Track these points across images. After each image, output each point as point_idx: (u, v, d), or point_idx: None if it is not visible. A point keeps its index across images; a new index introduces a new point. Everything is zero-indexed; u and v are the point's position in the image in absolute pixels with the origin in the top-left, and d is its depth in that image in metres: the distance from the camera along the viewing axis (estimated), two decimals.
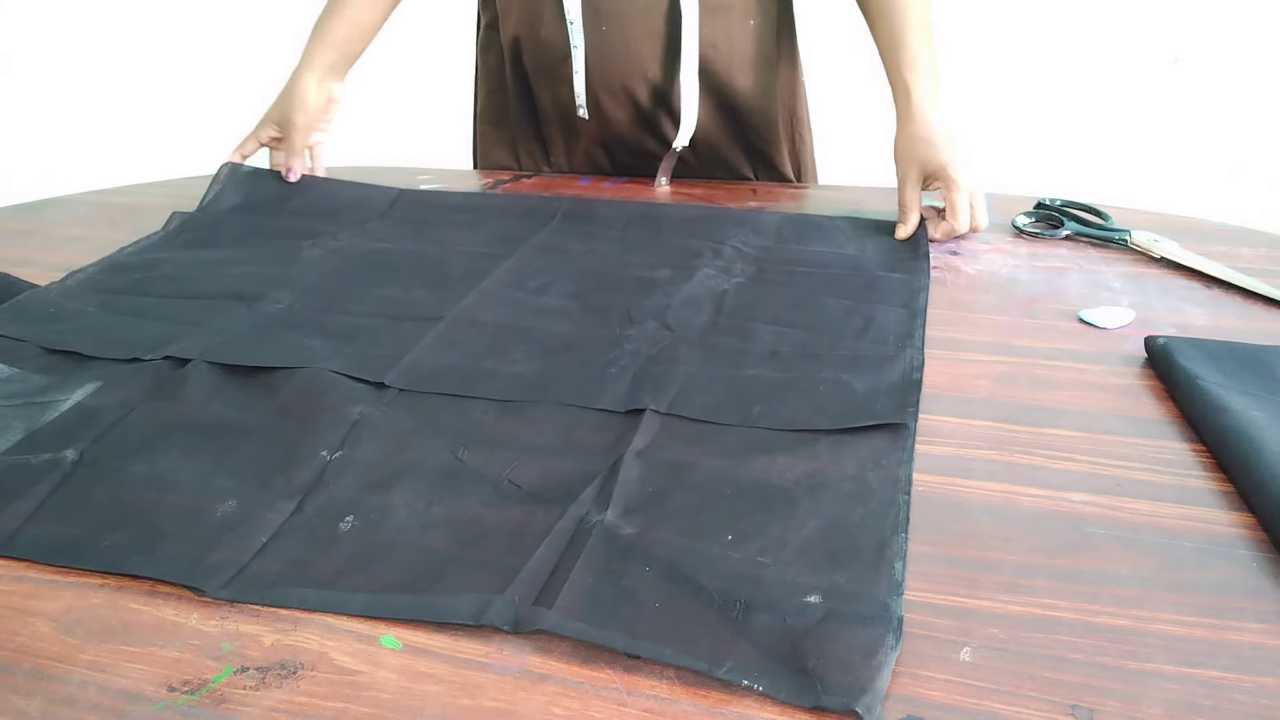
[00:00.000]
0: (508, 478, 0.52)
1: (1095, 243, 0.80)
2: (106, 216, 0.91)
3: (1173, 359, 0.59)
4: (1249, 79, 1.84)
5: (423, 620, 0.44)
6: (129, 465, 0.54)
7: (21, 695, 0.40)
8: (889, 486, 0.50)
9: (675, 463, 0.53)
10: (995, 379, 0.61)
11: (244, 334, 0.67)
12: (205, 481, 0.53)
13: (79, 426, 0.57)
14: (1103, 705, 0.38)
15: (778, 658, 0.40)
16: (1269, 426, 0.52)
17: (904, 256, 0.78)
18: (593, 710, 0.39)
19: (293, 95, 0.92)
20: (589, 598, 0.44)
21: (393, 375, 0.62)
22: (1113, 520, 0.49)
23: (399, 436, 0.56)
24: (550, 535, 0.47)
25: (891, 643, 0.41)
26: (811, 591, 0.43)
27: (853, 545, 0.46)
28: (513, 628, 0.43)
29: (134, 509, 0.51)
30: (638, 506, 0.49)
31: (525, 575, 0.45)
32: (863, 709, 0.38)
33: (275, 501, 0.51)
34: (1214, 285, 0.72)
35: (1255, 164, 1.91)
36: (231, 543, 0.48)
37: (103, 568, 0.47)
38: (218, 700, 0.40)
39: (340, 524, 0.49)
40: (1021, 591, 0.44)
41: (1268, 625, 0.42)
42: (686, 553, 0.46)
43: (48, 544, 0.49)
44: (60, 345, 0.66)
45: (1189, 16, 1.81)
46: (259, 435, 0.57)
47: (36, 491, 0.52)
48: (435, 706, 0.39)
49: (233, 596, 0.45)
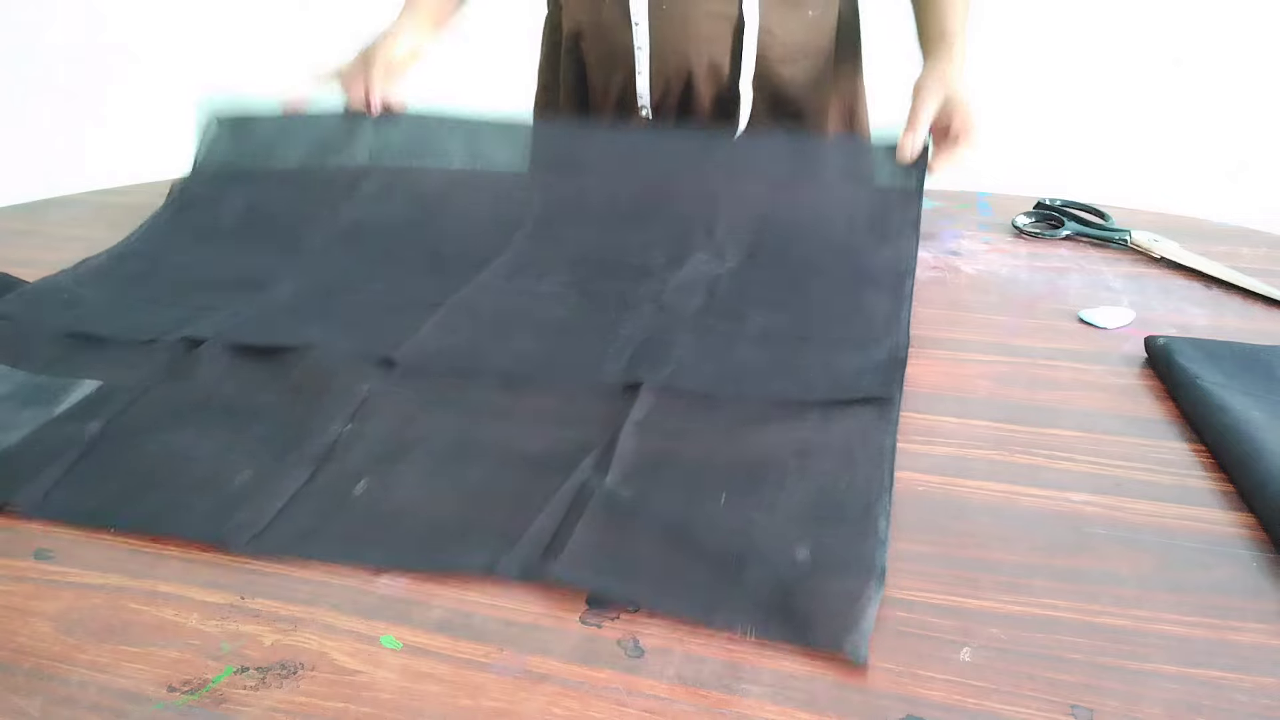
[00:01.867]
0: (512, 448, 0.55)
1: (1095, 243, 0.80)
2: (106, 216, 0.91)
3: (1173, 359, 0.59)
4: (1249, 79, 1.84)
5: (436, 570, 0.46)
6: (149, 439, 0.57)
7: (21, 695, 0.40)
8: (874, 455, 0.53)
9: (671, 433, 0.55)
10: (995, 379, 0.61)
11: (253, 319, 0.69)
12: (223, 453, 0.55)
13: (99, 404, 0.60)
14: (1103, 705, 0.38)
15: (769, 605, 0.43)
16: (1269, 426, 0.52)
17: (895, 219, 0.76)
18: (593, 710, 0.39)
19: (379, 43, 0.91)
20: (592, 552, 0.46)
21: (399, 354, 0.64)
22: (1113, 520, 0.49)
23: (407, 411, 0.58)
24: (554, 498, 0.50)
25: (875, 588, 0.43)
26: (800, 547, 0.46)
27: (839, 507, 0.49)
28: (521, 577, 0.45)
29: (157, 477, 0.53)
30: (636, 473, 0.52)
31: (532, 532, 0.47)
32: (849, 647, 0.41)
33: (290, 471, 0.53)
34: (1214, 285, 0.72)
35: (1255, 164, 1.91)
36: (251, 506, 0.51)
37: (130, 529, 0.50)
38: (218, 700, 0.40)
39: (353, 490, 0.52)
40: (1021, 591, 0.44)
41: (1268, 625, 0.42)
42: (683, 514, 0.49)
43: (77, 508, 0.51)
44: (78, 329, 0.68)
45: (1189, 16, 1.81)
46: (272, 412, 0.59)
47: (63, 461, 0.55)
48: (435, 706, 0.39)
49: (256, 551, 0.48)
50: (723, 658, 0.41)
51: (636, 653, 0.42)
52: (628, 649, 0.42)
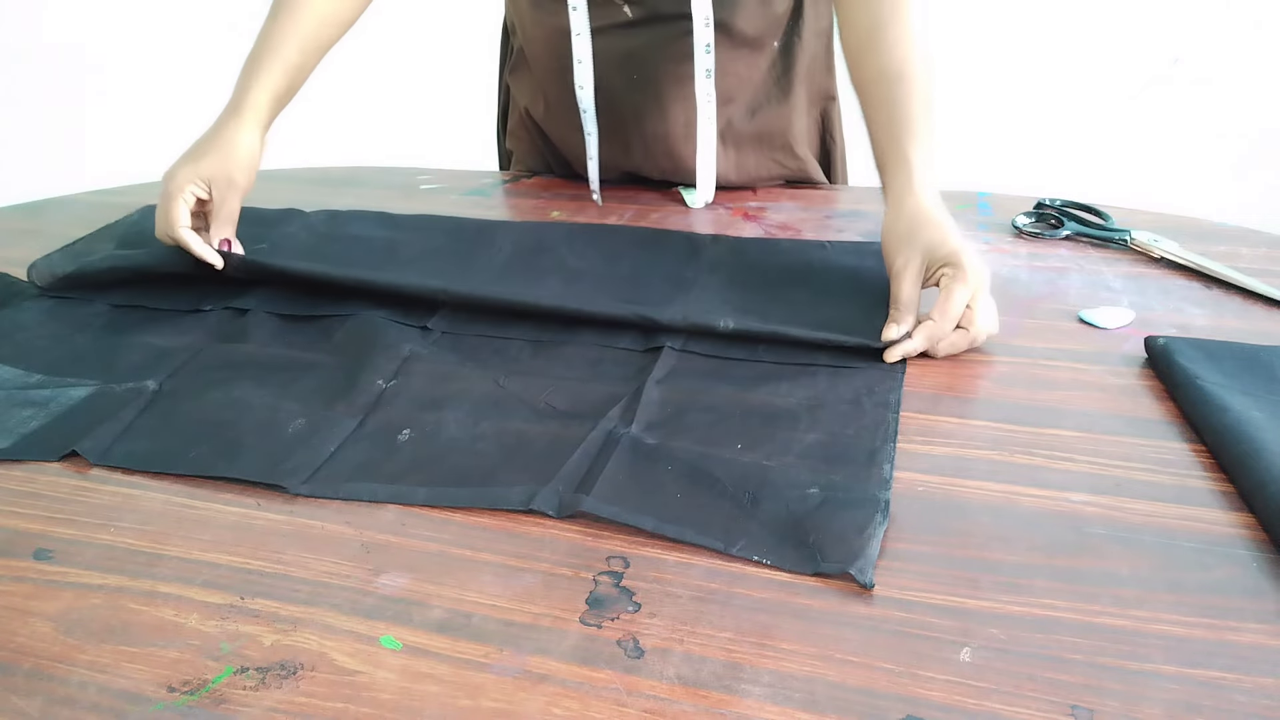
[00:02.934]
0: (544, 400, 0.60)
1: (1095, 243, 0.80)
2: (106, 216, 0.91)
3: (1173, 359, 0.59)
4: (1249, 79, 1.84)
5: (478, 507, 0.51)
6: (204, 393, 0.62)
7: (21, 695, 0.40)
8: (880, 407, 0.57)
9: (690, 389, 0.60)
10: (995, 379, 0.61)
11: (291, 297, 0.73)
12: (275, 405, 0.60)
13: (154, 364, 0.65)
14: (1103, 705, 0.38)
15: (783, 536, 0.48)
16: (1269, 426, 0.52)
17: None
18: (593, 710, 0.39)
19: (234, 149, 0.76)
20: (620, 489, 0.51)
21: (433, 322, 0.69)
22: (1113, 520, 0.49)
23: (445, 368, 0.64)
24: (584, 444, 0.55)
25: (880, 519, 0.48)
26: (811, 486, 0.51)
27: (847, 452, 0.54)
28: (557, 512, 0.50)
29: (214, 427, 0.58)
30: (659, 423, 0.57)
31: (565, 472, 0.53)
32: (856, 571, 0.45)
33: (339, 420, 0.58)
34: (1214, 285, 0.72)
35: (1255, 164, 1.91)
36: (304, 452, 0.56)
37: (191, 472, 0.54)
38: (217, 700, 0.40)
39: (399, 436, 0.57)
40: (1021, 591, 0.44)
41: (1268, 625, 0.42)
42: (702, 457, 0.53)
43: (140, 454, 0.56)
44: (125, 303, 0.73)
45: (1189, 17, 1.81)
46: (319, 369, 0.64)
47: (124, 415, 0.59)
48: (435, 706, 0.39)
49: (311, 492, 0.53)
50: (723, 658, 0.41)
51: (636, 653, 0.42)
52: (628, 649, 0.42)
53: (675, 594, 0.45)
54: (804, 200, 0.91)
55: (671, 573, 0.46)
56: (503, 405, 0.60)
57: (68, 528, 0.51)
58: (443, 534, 0.50)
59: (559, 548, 0.48)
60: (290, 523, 0.51)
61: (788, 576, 0.46)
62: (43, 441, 0.58)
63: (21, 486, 0.54)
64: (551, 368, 0.64)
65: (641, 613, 0.44)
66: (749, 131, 0.92)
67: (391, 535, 0.50)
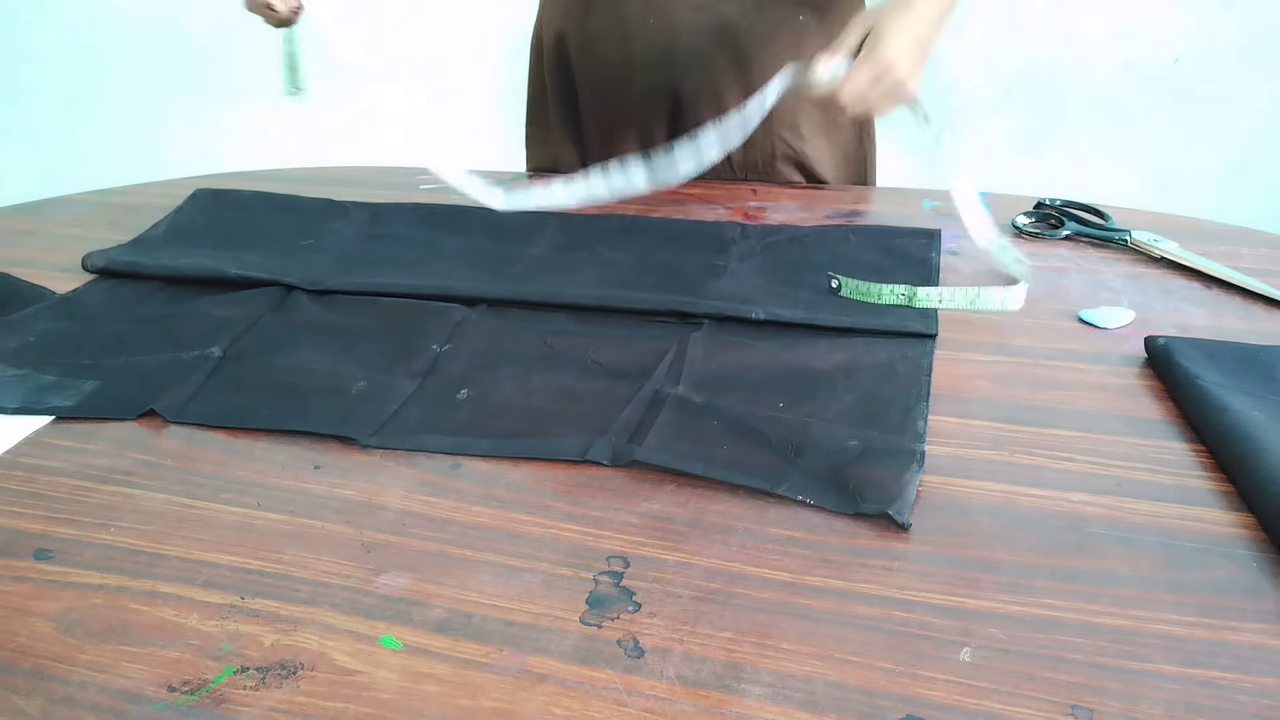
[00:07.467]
0: (590, 358, 0.63)
1: (1095, 243, 0.80)
2: (106, 216, 0.91)
3: (1173, 359, 0.59)
4: (1249, 79, 1.84)
5: (537, 458, 0.54)
6: (269, 358, 0.65)
7: (21, 695, 0.40)
8: (914, 370, 0.61)
9: (732, 351, 0.64)
10: (995, 379, 0.61)
11: (339, 274, 0.76)
12: (337, 368, 0.63)
13: (216, 332, 0.68)
14: (1103, 705, 0.38)
15: (825, 480, 0.51)
16: (1269, 426, 0.52)
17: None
18: (593, 710, 0.39)
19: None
20: (670, 440, 0.55)
21: (478, 311, 0.71)
22: (1113, 520, 0.49)
23: (496, 332, 0.67)
24: (633, 401, 0.58)
25: (915, 469, 0.51)
26: (850, 439, 0.54)
27: (883, 410, 0.57)
28: (611, 461, 0.53)
29: (281, 387, 0.62)
30: (703, 382, 0.60)
31: (617, 425, 0.56)
32: (894, 512, 0.48)
33: (400, 380, 0.62)
34: (1214, 285, 0.72)
35: (1255, 164, 1.91)
36: (369, 409, 0.59)
37: (265, 426, 0.58)
38: (217, 700, 0.40)
39: (457, 394, 0.61)
40: (1021, 591, 0.44)
41: (1268, 625, 0.42)
42: (746, 414, 0.57)
43: (214, 412, 0.60)
44: (187, 273, 0.76)
45: (1189, 16, 1.81)
46: (376, 335, 0.67)
47: (194, 379, 0.62)
48: (435, 706, 0.39)
49: (380, 443, 0.56)
50: (723, 658, 0.41)
51: (636, 653, 0.42)
52: (628, 649, 0.42)
53: (675, 594, 0.45)
54: (805, 200, 0.91)
55: (671, 572, 0.46)
56: (552, 363, 0.63)
57: (68, 528, 0.51)
58: (443, 534, 0.50)
59: (559, 547, 0.48)
60: (290, 523, 0.51)
61: (788, 576, 0.46)
62: (117, 401, 0.61)
63: (21, 486, 0.54)
64: (597, 332, 0.67)
65: (641, 612, 0.44)
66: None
67: (391, 535, 0.50)
